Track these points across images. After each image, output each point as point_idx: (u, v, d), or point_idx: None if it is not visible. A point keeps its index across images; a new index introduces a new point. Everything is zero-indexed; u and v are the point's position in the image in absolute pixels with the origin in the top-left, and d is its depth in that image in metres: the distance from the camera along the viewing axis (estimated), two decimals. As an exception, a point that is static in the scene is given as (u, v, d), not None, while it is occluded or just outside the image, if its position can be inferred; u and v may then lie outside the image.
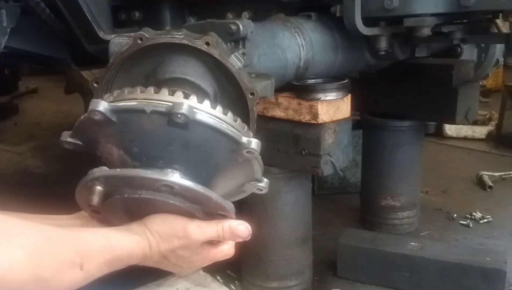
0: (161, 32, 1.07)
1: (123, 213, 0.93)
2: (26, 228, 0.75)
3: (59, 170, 1.71)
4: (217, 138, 0.89)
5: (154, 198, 0.88)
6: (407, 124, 2.48)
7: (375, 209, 2.63)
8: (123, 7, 1.97)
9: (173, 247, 0.89)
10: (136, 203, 0.90)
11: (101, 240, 0.82)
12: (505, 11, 1.77)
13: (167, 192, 0.88)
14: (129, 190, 0.89)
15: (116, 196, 0.90)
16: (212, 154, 0.91)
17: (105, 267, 0.82)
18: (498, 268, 1.96)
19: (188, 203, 0.90)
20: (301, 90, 1.69)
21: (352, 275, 2.19)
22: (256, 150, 0.92)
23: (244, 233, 0.95)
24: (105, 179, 0.88)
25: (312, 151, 1.72)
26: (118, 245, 0.83)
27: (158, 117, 0.86)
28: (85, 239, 0.81)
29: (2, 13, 1.58)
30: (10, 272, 0.68)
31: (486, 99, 5.52)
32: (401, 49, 2.03)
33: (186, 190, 0.88)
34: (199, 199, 0.90)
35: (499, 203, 3.01)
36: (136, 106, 0.87)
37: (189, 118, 0.85)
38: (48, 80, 6.80)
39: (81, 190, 0.92)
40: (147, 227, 0.89)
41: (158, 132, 0.87)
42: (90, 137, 0.92)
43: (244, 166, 0.96)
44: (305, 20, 1.80)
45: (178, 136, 0.87)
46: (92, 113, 0.85)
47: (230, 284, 2.13)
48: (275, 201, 1.88)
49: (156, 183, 0.87)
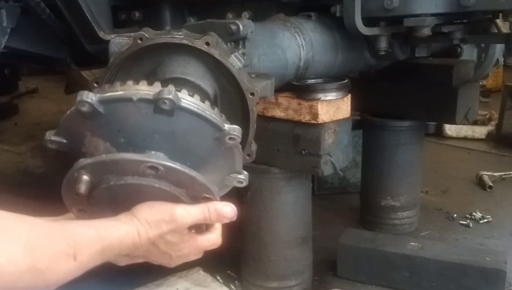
0: (161, 32, 1.07)
1: (110, 209, 0.93)
2: (18, 222, 0.76)
3: (59, 170, 1.70)
4: (201, 125, 0.91)
5: (139, 183, 0.89)
6: (407, 124, 2.48)
7: (375, 209, 2.63)
8: (123, 7, 1.97)
9: (161, 233, 0.90)
10: (122, 192, 0.91)
11: (91, 231, 0.84)
12: (505, 11, 1.77)
13: (152, 176, 0.89)
14: (115, 178, 0.89)
15: (102, 185, 0.90)
16: (196, 142, 0.93)
17: (97, 257, 0.84)
18: (498, 268, 1.96)
19: (173, 186, 0.91)
20: (301, 90, 1.69)
21: (352, 275, 2.19)
22: (238, 136, 0.94)
23: (230, 214, 0.96)
24: (91, 167, 0.89)
25: (312, 151, 1.72)
26: (107, 235, 0.85)
27: (145, 105, 0.87)
28: (76, 231, 0.82)
29: (2, 13, 1.58)
30: (7, 265, 0.70)
31: (486, 99, 5.52)
32: (401, 49, 2.04)
33: (170, 171, 0.89)
34: (183, 181, 0.91)
35: (499, 203, 3.01)
36: (123, 94, 0.88)
37: (175, 103, 0.86)
38: (48, 80, 6.80)
39: (67, 185, 0.92)
40: (135, 215, 0.90)
41: (144, 120, 0.88)
42: (76, 133, 0.92)
43: (226, 156, 0.98)
44: (305, 20, 1.80)
45: (163, 124, 0.89)
46: (80, 104, 0.86)
47: (230, 284, 2.13)
48: (275, 201, 1.88)
49: (141, 165, 0.88)
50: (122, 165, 0.88)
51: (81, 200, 0.92)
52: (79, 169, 0.89)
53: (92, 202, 0.93)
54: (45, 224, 0.80)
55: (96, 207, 0.94)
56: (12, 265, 0.70)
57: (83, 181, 0.88)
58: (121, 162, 0.88)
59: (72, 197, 0.93)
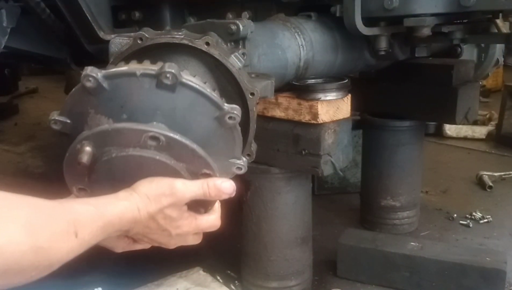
0: (161, 32, 1.07)
1: (110, 187, 0.93)
2: (17, 201, 0.76)
3: (59, 170, 1.69)
4: (202, 102, 0.93)
5: (140, 155, 0.90)
6: (407, 124, 2.48)
7: (375, 209, 2.63)
8: (123, 7, 1.97)
9: (161, 207, 0.91)
10: (123, 166, 0.92)
11: (90, 208, 0.84)
12: (505, 11, 1.77)
13: (153, 148, 0.90)
14: (117, 150, 0.90)
15: (104, 158, 0.91)
16: (197, 120, 0.94)
17: (99, 233, 0.84)
18: (498, 268, 1.96)
19: (174, 160, 0.92)
20: (301, 90, 1.69)
21: (352, 275, 2.19)
22: (238, 116, 0.95)
23: (229, 189, 0.96)
24: (94, 137, 0.90)
25: (312, 151, 1.72)
26: (106, 212, 0.85)
27: (148, 80, 0.89)
28: (75, 209, 0.83)
29: (2, 13, 1.58)
30: (9, 244, 0.70)
31: (486, 99, 5.53)
32: (401, 49, 2.04)
33: (171, 142, 0.90)
34: (184, 155, 0.92)
35: (499, 203, 3.01)
36: (127, 70, 0.90)
37: (177, 78, 0.88)
38: (48, 80, 6.81)
39: (70, 159, 0.92)
40: (134, 191, 0.91)
41: (147, 96, 0.90)
42: (79, 111, 0.93)
43: (226, 138, 0.99)
44: (305, 20, 1.80)
45: (165, 100, 0.91)
46: (85, 79, 0.87)
47: (230, 284, 2.13)
48: (275, 201, 1.88)
49: (142, 135, 0.89)
50: (124, 135, 0.89)
51: (82, 176, 0.93)
52: (82, 140, 0.90)
53: (93, 179, 0.94)
54: (44, 203, 0.80)
55: (97, 184, 0.95)
56: (13, 245, 0.70)
57: (85, 152, 0.89)
58: (124, 131, 0.89)
59: (73, 173, 0.94)
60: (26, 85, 6.59)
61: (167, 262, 2.11)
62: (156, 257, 2.12)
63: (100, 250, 0.93)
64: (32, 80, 6.77)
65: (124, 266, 2.13)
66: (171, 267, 2.07)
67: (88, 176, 0.93)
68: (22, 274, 0.73)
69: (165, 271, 2.06)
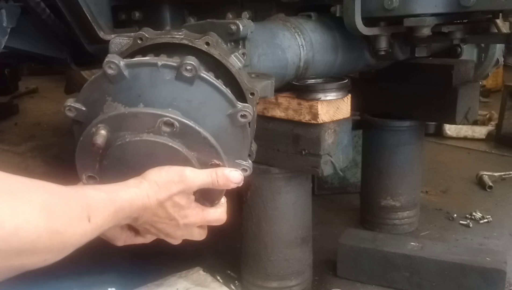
0: (161, 32, 1.08)
1: (120, 175, 0.94)
2: (32, 184, 0.77)
3: (59, 170, 1.70)
4: (217, 98, 0.96)
5: (154, 141, 0.92)
6: (407, 124, 2.48)
7: (375, 209, 2.63)
8: (123, 7, 1.97)
9: (170, 193, 0.93)
10: (135, 152, 0.93)
11: (102, 194, 0.86)
12: (505, 11, 1.77)
13: (167, 134, 0.92)
14: (131, 134, 0.92)
15: (118, 142, 0.92)
16: (210, 115, 0.96)
17: (110, 219, 0.86)
18: (498, 268, 1.96)
19: (186, 148, 0.94)
20: (301, 90, 1.69)
21: (352, 275, 2.19)
22: (250, 114, 0.98)
23: (237, 179, 0.99)
24: (109, 121, 0.91)
25: (312, 151, 1.72)
26: (118, 197, 0.87)
27: (168, 71, 0.93)
28: (88, 194, 0.85)
29: (2, 13, 1.58)
30: (26, 226, 0.70)
31: (486, 99, 5.53)
32: (401, 49, 2.03)
33: (185, 128, 0.92)
34: (196, 143, 0.94)
35: (499, 203, 3.01)
36: (149, 60, 0.94)
37: (197, 71, 0.92)
38: (48, 80, 6.81)
39: (83, 143, 0.94)
40: (144, 178, 0.93)
41: (165, 86, 0.93)
42: (96, 98, 0.95)
43: (235, 137, 1.01)
44: (305, 20, 1.80)
45: (182, 92, 0.94)
46: (107, 66, 0.90)
47: (230, 284, 2.13)
48: (275, 201, 1.88)
49: (158, 119, 0.90)
50: (139, 119, 0.91)
51: (93, 162, 0.94)
52: (98, 123, 0.92)
53: (104, 165, 0.95)
54: (59, 187, 0.81)
55: (107, 171, 0.96)
56: (30, 226, 0.71)
57: (100, 134, 0.90)
58: (139, 115, 0.91)
59: (85, 158, 0.95)
60: (26, 85, 6.60)
61: (167, 262, 2.11)
62: (156, 257, 2.13)
63: (100, 250, 0.93)
64: (32, 80, 6.77)
65: (124, 266, 2.14)
66: (171, 267, 2.07)
67: (99, 162, 0.94)
68: (37, 256, 0.74)
69: (165, 271, 2.06)
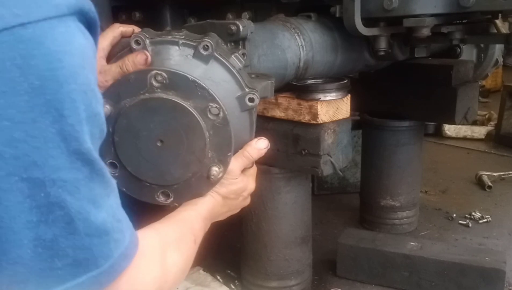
0: (161, 33, 1.08)
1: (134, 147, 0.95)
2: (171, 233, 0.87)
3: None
4: (228, 79, 1.01)
5: (150, 98, 0.92)
6: (406, 124, 2.48)
7: (375, 209, 2.64)
8: (123, 7, 1.98)
9: (224, 185, 1.03)
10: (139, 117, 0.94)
11: (192, 213, 0.96)
12: (504, 12, 1.78)
13: (159, 89, 0.94)
14: (129, 100, 0.93)
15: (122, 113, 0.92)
16: (221, 96, 0.97)
17: (202, 233, 0.97)
18: (497, 268, 1.97)
19: (180, 98, 0.95)
20: (301, 90, 1.69)
21: (352, 275, 2.19)
22: (258, 97, 1.02)
23: (265, 144, 1.08)
24: (108, 94, 0.92)
25: (312, 151, 1.72)
26: (202, 210, 0.98)
27: (187, 49, 0.99)
28: (187, 218, 0.95)
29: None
30: (181, 275, 0.85)
31: (485, 99, 5.54)
32: (400, 49, 2.04)
33: (173, 77, 0.94)
34: (188, 90, 0.95)
35: (499, 203, 3.02)
36: (171, 38, 1.01)
37: (213, 50, 0.98)
38: (47, 80, 6.79)
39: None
40: None
41: (183, 62, 0.98)
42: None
43: (242, 121, 1.04)
44: (304, 20, 1.80)
45: (197, 69, 0.98)
46: (133, 40, 0.98)
47: (230, 284, 2.13)
48: (275, 201, 1.89)
49: (147, 75, 0.92)
50: (132, 83, 0.93)
51: (108, 147, 0.94)
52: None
53: (117, 143, 0.94)
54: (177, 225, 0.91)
55: (122, 147, 0.95)
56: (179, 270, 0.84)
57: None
58: (131, 79, 0.93)
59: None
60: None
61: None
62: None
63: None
64: (32, 80, 6.76)
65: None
66: (171, 267, 2.08)
67: (112, 144, 0.94)
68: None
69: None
